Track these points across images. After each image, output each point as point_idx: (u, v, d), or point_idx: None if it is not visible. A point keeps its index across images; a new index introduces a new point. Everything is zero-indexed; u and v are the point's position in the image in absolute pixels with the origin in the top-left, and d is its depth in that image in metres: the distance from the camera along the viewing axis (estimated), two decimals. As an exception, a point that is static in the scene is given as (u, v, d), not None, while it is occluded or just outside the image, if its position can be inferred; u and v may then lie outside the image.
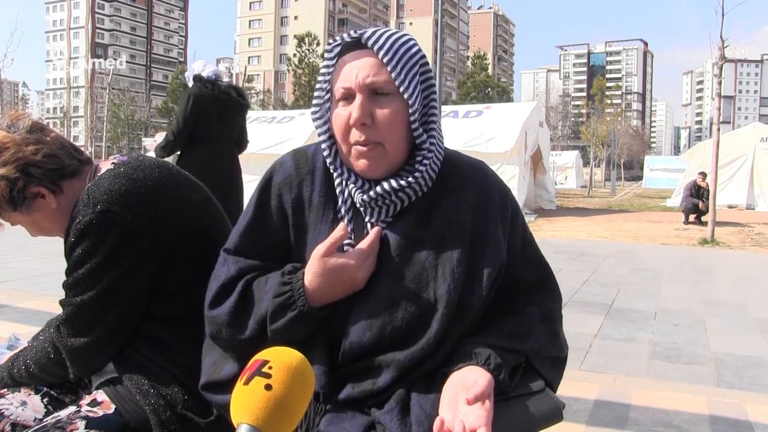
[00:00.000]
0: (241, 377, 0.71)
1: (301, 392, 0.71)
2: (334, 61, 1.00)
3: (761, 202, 15.27)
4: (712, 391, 2.77)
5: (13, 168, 1.12)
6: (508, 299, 1.03)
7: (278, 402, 0.67)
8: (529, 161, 12.74)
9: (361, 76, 0.96)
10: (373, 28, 1.01)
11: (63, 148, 1.20)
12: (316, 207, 1.04)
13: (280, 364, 0.70)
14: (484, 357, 0.93)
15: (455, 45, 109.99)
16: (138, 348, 1.16)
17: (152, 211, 1.12)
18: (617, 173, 34.77)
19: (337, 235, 0.96)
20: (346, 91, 0.97)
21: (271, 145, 12.23)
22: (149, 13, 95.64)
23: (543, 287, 1.09)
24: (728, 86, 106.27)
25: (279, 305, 0.95)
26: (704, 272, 6.34)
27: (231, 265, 1.04)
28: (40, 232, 1.25)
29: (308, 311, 0.94)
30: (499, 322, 1.01)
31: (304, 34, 60.83)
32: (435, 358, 0.96)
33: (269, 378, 0.68)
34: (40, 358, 1.19)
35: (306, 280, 0.95)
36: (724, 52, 9.07)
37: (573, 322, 4.00)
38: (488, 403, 0.87)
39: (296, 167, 1.06)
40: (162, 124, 62.15)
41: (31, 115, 1.26)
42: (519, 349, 0.99)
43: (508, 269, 1.02)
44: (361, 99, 0.96)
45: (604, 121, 34.55)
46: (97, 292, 1.10)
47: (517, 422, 0.94)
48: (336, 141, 1.01)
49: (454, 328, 0.97)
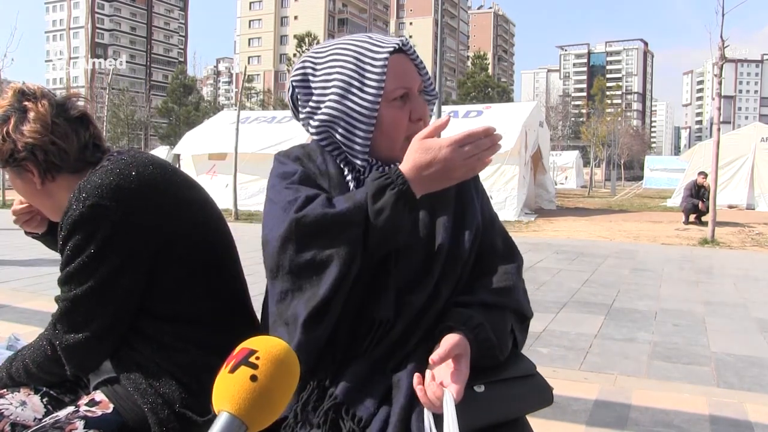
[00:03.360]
0: (226, 364, 0.71)
1: (285, 385, 0.71)
2: (386, 64, 1.06)
3: (761, 202, 15.27)
4: (712, 391, 2.77)
5: (23, 142, 1.14)
6: (485, 262, 1.12)
7: (262, 393, 0.68)
8: (529, 161, 12.74)
9: (417, 78, 1.09)
10: (396, 37, 1.11)
11: (83, 149, 1.20)
12: (334, 176, 1.09)
13: (268, 355, 0.70)
14: (464, 317, 1.01)
15: (455, 45, 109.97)
16: (135, 346, 1.16)
17: (144, 207, 1.12)
18: (617, 173, 34.78)
19: (441, 122, 0.99)
20: (408, 90, 1.07)
21: (271, 145, 12.24)
22: (149, 13, 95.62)
23: (510, 251, 1.17)
24: (728, 86, 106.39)
25: (378, 187, 0.97)
26: (704, 272, 6.34)
27: (310, 190, 1.03)
28: (28, 201, 1.30)
29: (408, 191, 0.97)
30: (483, 280, 1.10)
31: (304, 34, 60.79)
32: (438, 300, 1.05)
33: (255, 369, 0.68)
34: (37, 356, 1.19)
35: (404, 165, 0.99)
36: (724, 52, 9.07)
37: (573, 322, 4.00)
38: (458, 362, 0.95)
39: (306, 152, 1.13)
40: (162, 124, 62.27)
41: (86, 103, 1.26)
42: (504, 303, 1.07)
43: (482, 237, 1.12)
44: (421, 98, 1.10)
45: (604, 121, 34.51)
46: (89, 286, 1.10)
47: (509, 405, 1.01)
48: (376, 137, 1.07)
49: (447, 276, 1.07)
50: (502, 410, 1.00)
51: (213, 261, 1.23)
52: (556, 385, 1.10)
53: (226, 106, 68.27)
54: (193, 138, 14.75)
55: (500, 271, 1.11)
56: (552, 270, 6.05)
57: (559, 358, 3.24)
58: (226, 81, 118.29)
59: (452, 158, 0.96)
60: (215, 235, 1.26)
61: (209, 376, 1.13)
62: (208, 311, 1.19)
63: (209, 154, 13.75)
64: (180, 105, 62.10)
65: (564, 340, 3.56)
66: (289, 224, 0.98)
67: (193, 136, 14.96)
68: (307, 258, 0.97)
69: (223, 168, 12.98)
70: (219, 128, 14.22)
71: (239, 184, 11.79)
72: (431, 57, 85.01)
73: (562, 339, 3.59)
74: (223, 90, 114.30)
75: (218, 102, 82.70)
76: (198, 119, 44.65)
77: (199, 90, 76.62)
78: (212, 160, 13.65)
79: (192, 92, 65.98)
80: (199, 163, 13.82)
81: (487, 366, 1.01)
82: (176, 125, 57.15)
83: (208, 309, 1.19)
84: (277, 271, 1.00)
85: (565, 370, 3.04)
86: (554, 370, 3.00)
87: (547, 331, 3.76)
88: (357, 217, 0.96)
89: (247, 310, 1.29)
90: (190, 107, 61.63)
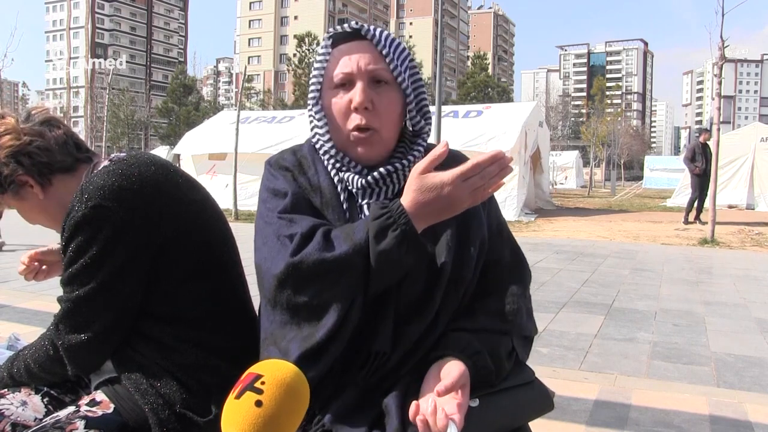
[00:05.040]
0: (233, 389, 0.71)
1: (293, 408, 0.70)
2: (330, 50, 1.05)
3: (761, 202, 15.25)
4: (712, 391, 2.77)
5: (3, 154, 1.14)
6: (489, 278, 1.07)
7: (267, 420, 0.67)
8: (529, 161, 12.74)
9: (362, 63, 1.01)
10: (366, 25, 1.06)
11: (63, 145, 1.20)
12: (326, 190, 1.06)
13: (274, 380, 0.70)
14: (463, 344, 0.97)
15: (455, 45, 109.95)
16: (136, 347, 1.16)
17: (146, 208, 1.12)
18: (617, 173, 34.74)
19: (438, 153, 0.92)
20: (346, 76, 1.02)
21: (271, 145, 12.23)
22: (149, 13, 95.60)
23: (518, 265, 1.12)
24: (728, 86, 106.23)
25: (380, 227, 0.91)
26: (704, 272, 6.34)
27: (304, 221, 0.99)
28: (32, 220, 1.27)
29: (411, 230, 0.91)
30: (485, 302, 1.04)
31: (304, 34, 60.83)
32: (435, 330, 1.00)
33: (260, 394, 0.68)
34: (39, 356, 1.19)
35: (405, 201, 0.93)
36: (724, 52, 9.06)
37: (573, 322, 4.00)
38: (461, 393, 0.90)
39: (298, 160, 1.11)
40: (162, 124, 62.22)
41: (50, 110, 1.27)
42: (506, 329, 1.02)
43: (488, 249, 1.07)
44: (363, 84, 1.01)
45: (604, 121, 34.50)
46: (92, 287, 1.10)
47: (510, 413, 0.97)
48: (330, 129, 1.05)
49: (448, 300, 1.01)
50: (499, 421, 0.96)
51: (214, 261, 1.23)
52: (556, 385, 1.10)
53: (226, 106, 68.26)
54: (193, 138, 14.75)
55: (504, 292, 1.05)
56: (552, 270, 6.05)
57: (559, 358, 3.23)
58: (226, 81, 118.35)
59: (457, 195, 0.90)
60: (216, 236, 1.26)
61: (210, 377, 1.14)
62: (209, 312, 1.19)
63: (209, 154, 13.74)
64: (180, 105, 62.05)
65: (564, 340, 3.56)
66: (285, 267, 0.93)
67: (193, 136, 14.95)
68: (305, 300, 0.93)
69: (223, 168, 12.97)
70: (219, 128, 14.21)
71: (239, 184, 11.79)
72: (431, 57, 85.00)
73: (561, 339, 3.59)
74: (223, 90, 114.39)
75: (218, 102, 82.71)
76: (198, 119, 44.59)
77: (199, 90, 76.56)
78: (212, 160, 13.64)
79: (192, 92, 65.92)
80: (199, 163, 13.82)
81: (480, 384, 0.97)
82: (176, 125, 57.08)
83: (209, 309, 1.19)
84: (274, 303, 0.97)
85: (565, 370, 3.04)
86: (554, 370, 3.01)
87: (546, 331, 3.76)
88: (356, 260, 0.91)
89: (247, 311, 1.29)
90: (190, 107, 61.58)
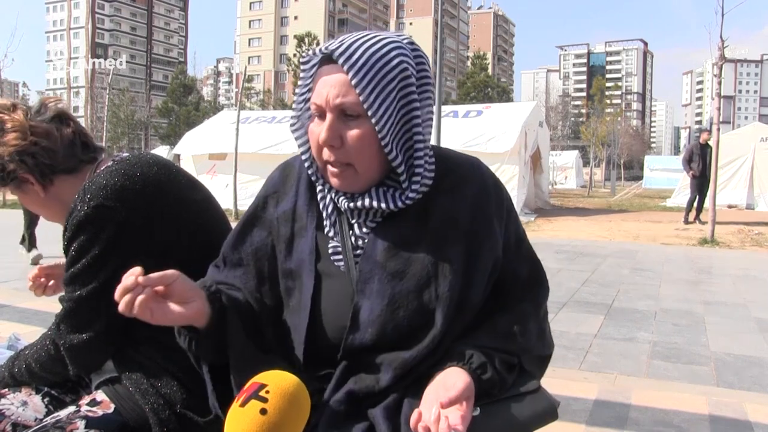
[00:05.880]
0: (237, 398, 0.71)
1: (295, 418, 0.71)
2: (312, 72, 0.96)
3: (761, 202, 15.24)
4: (712, 391, 2.77)
5: (8, 151, 1.14)
6: (502, 294, 1.03)
7: (272, 427, 0.68)
8: (529, 161, 12.73)
9: (331, 96, 0.91)
10: (351, 39, 0.94)
11: (69, 146, 1.20)
12: (300, 216, 1.05)
13: (278, 389, 0.71)
14: (467, 357, 0.94)
15: (455, 45, 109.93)
16: (137, 347, 1.16)
17: (148, 208, 1.13)
18: (617, 173, 34.73)
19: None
20: (318, 108, 0.93)
21: (271, 145, 12.23)
22: (149, 13, 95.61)
23: (535, 282, 1.08)
24: (728, 86, 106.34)
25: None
26: (704, 272, 6.34)
27: (227, 266, 1.11)
28: (34, 211, 1.28)
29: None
30: (493, 320, 1.01)
31: (304, 34, 60.73)
32: (435, 355, 0.96)
33: (265, 402, 0.69)
34: (40, 356, 1.19)
35: None
36: (724, 52, 9.06)
37: (573, 322, 4.00)
38: (465, 405, 0.88)
39: (283, 181, 1.09)
40: (162, 124, 62.21)
41: (62, 102, 1.26)
42: (511, 350, 0.98)
43: (503, 264, 1.02)
44: (331, 120, 0.92)
45: (604, 121, 34.47)
46: (93, 287, 1.10)
47: (514, 422, 0.94)
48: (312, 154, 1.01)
49: (454, 325, 0.97)
50: (507, 428, 0.93)
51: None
52: (556, 385, 1.10)
53: (226, 106, 68.19)
54: (193, 138, 14.74)
55: (515, 310, 1.02)
56: (552, 270, 6.04)
57: (559, 358, 3.24)
58: (226, 81, 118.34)
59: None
60: (218, 236, 1.26)
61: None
62: (209, 312, 1.19)
63: (209, 154, 13.74)
64: (180, 105, 62.04)
65: (564, 340, 3.56)
66: None
67: (193, 136, 14.95)
68: None
69: (223, 168, 12.97)
70: (219, 128, 14.21)
71: (239, 184, 11.78)
72: (431, 57, 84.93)
73: (561, 339, 3.59)
74: (223, 90, 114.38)
75: (218, 102, 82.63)
76: (198, 119, 44.56)
77: (199, 90, 76.54)
78: (212, 160, 13.63)
79: (192, 92, 65.91)
80: (199, 162, 13.81)
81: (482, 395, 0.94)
82: (176, 125, 57.06)
83: (209, 309, 1.19)
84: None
85: (564, 369, 3.04)
86: (554, 369, 3.00)
87: (547, 331, 3.77)
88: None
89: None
90: (190, 107, 61.56)
